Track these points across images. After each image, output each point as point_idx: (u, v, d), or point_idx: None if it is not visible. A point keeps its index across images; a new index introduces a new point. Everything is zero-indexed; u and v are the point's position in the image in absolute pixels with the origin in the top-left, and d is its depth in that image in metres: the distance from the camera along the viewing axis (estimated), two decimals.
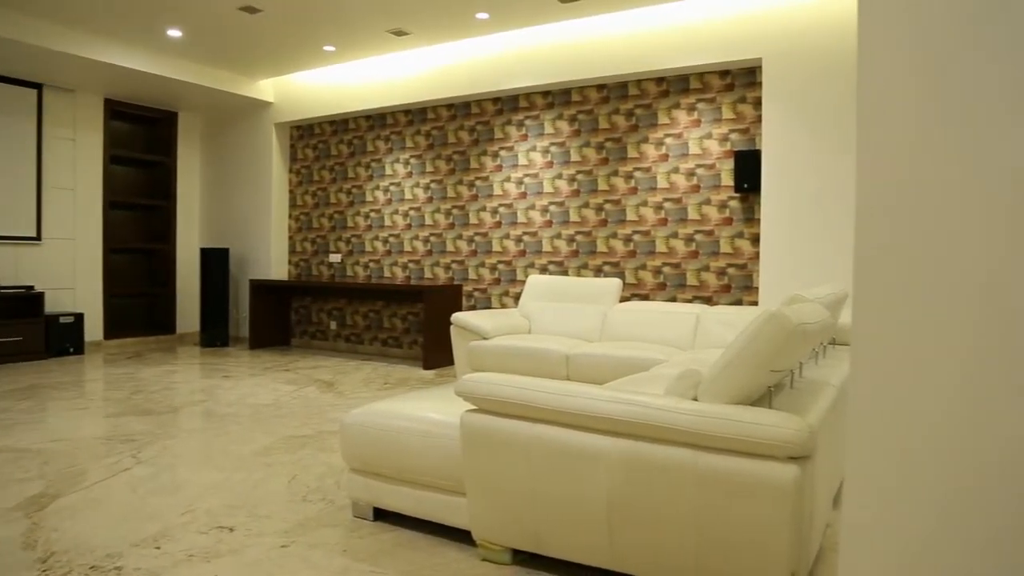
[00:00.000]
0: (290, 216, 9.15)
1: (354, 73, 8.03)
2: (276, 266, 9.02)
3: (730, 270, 6.23)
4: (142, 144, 9.21)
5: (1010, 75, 1.26)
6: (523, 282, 7.22)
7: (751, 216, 6.11)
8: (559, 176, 7.05)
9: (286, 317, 9.05)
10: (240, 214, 9.25)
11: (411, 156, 8.02)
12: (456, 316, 5.82)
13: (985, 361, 1.31)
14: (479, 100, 7.47)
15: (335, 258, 8.72)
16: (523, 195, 7.26)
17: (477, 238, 7.58)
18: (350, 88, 8.09)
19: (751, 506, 2.06)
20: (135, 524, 2.92)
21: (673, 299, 6.47)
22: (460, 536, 2.76)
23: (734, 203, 6.20)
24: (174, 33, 6.96)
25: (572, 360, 5.18)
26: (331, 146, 8.72)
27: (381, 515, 3.00)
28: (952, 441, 1.34)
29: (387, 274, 8.28)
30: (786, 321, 2.07)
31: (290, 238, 9.17)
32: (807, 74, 5.63)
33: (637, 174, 6.64)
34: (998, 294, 1.29)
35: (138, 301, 9.26)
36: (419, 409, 2.92)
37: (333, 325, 8.68)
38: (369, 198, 8.40)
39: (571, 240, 7.01)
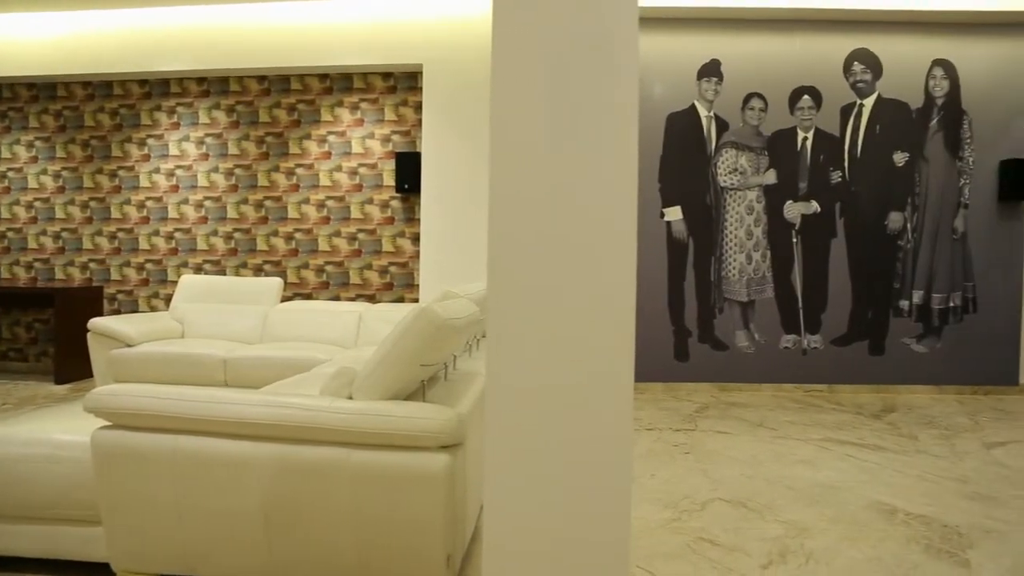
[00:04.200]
0: None
1: None
2: None
3: (392, 268, 6.35)
4: None
5: (615, 99, 1.43)
6: (175, 283, 6.63)
7: (412, 216, 6.29)
8: (215, 170, 6.61)
9: None
10: None
11: (36, 138, 6.93)
12: (94, 322, 5.15)
13: (596, 354, 1.47)
14: (123, 80, 6.71)
15: None
16: (175, 188, 6.68)
17: (121, 234, 6.79)
18: None
19: (406, 497, 2.10)
20: None
21: (336, 298, 6.41)
22: (98, 571, 2.39)
23: (395, 203, 6.34)
24: None
25: (230, 364, 4.88)
26: None
27: None
28: (571, 425, 1.48)
29: (6, 275, 7.05)
30: (435, 317, 2.13)
31: None
32: (462, 82, 5.95)
33: (299, 171, 6.47)
34: (607, 293, 1.45)
35: None
36: (41, 431, 2.49)
37: None
38: None
39: (229, 238, 6.60)
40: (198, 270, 6.65)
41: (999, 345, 5.98)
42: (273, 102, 6.52)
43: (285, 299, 6.24)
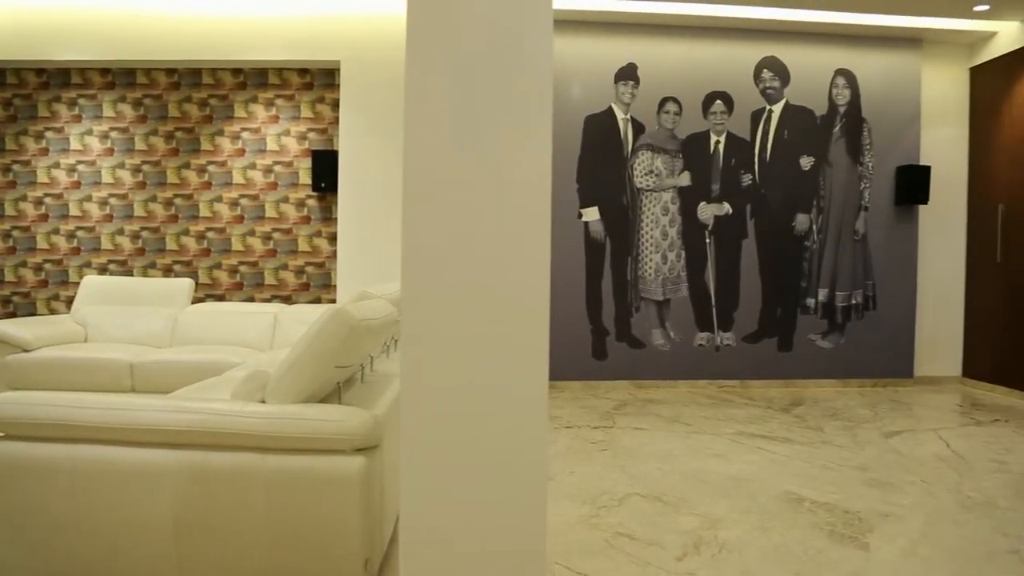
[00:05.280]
0: None
1: None
2: None
3: (309, 268, 6.22)
4: None
5: (528, 100, 1.44)
6: (77, 284, 6.30)
7: (329, 215, 6.18)
8: (121, 165, 6.32)
9: None
10: None
11: None
12: None
13: (510, 353, 1.47)
14: (18, 69, 6.34)
15: None
16: (76, 185, 6.35)
17: (16, 232, 6.41)
18: None
19: (322, 501, 2.06)
20: None
21: (251, 299, 6.24)
22: None
23: (312, 202, 6.22)
24: None
25: (137, 369, 4.69)
26: None
27: None
28: (486, 425, 1.48)
29: None
30: (348, 317, 2.10)
31: None
32: (381, 80, 5.88)
33: (211, 168, 6.27)
34: (521, 292, 1.46)
35: None
36: None
37: None
38: None
39: (136, 237, 6.33)
40: (103, 271, 6.35)
41: (896, 340, 6.32)
42: (183, 96, 6.29)
43: (197, 300, 6.02)
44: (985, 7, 5.64)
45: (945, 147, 6.41)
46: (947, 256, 6.45)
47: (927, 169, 6.18)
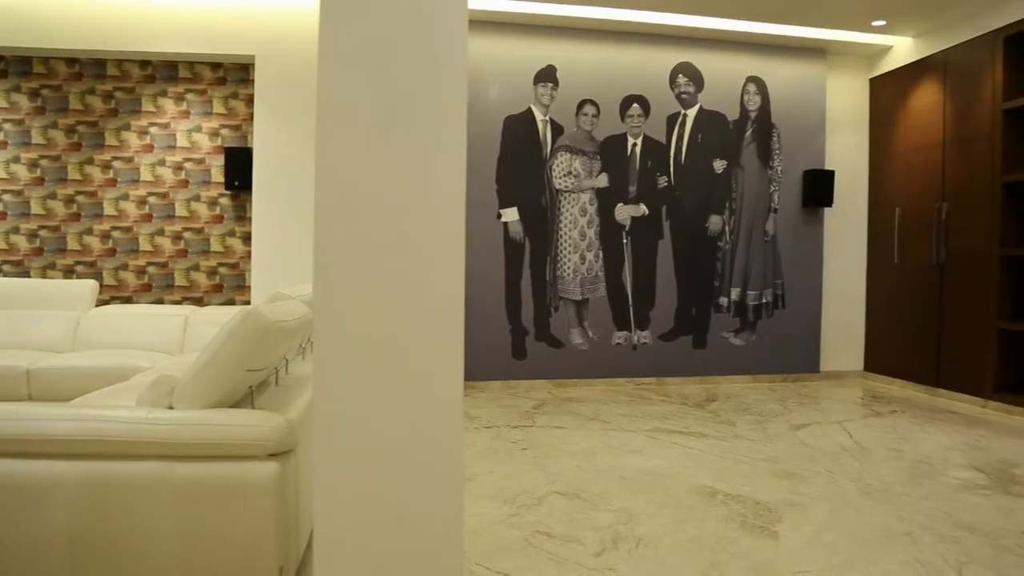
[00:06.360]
0: None
1: None
2: None
3: (222, 269, 6.03)
4: None
5: (442, 98, 1.43)
6: None
7: (243, 214, 6.00)
8: (16, 160, 5.98)
9: None
10: None
11: None
12: None
13: (425, 353, 1.46)
14: None
15: None
16: None
17: None
18: None
19: (234, 509, 2.00)
20: None
21: (160, 301, 6.00)
22: None
23: (225, 200, 6.03)
24: None
25: (35, 375, 4.42)
26: None
27: None
28: (401, 425, 1.47)
29: None
30: (261, 319, 2.05)
31: None
32: (297, 76, 5.74)
33: (117, 164, 5.99)
34: (436, 291, 1.45)
35: None
36: None
37: None
38: None
39: (34, 236, 5.99)
40: None
41: (803, 337, 6.59)
42: (86, 88, 5.99)
43: (102, 303, 5.76)
44: (882, 22, 5.95)
45: (848, 153, 6.73)
46: (850, 256, 6.77)
47: (831, 173, 6.48)
